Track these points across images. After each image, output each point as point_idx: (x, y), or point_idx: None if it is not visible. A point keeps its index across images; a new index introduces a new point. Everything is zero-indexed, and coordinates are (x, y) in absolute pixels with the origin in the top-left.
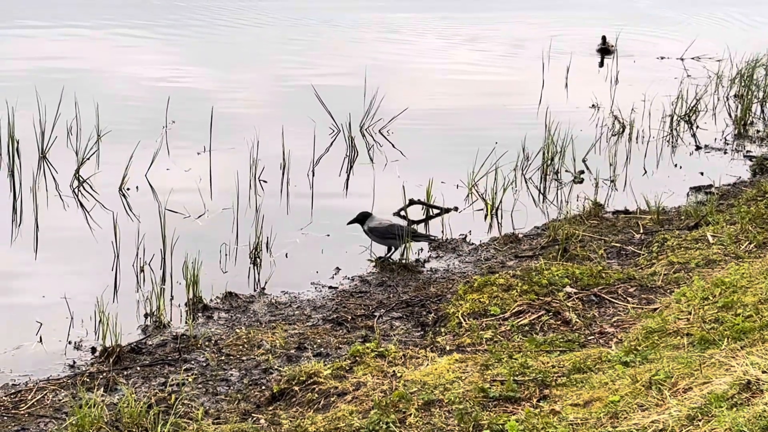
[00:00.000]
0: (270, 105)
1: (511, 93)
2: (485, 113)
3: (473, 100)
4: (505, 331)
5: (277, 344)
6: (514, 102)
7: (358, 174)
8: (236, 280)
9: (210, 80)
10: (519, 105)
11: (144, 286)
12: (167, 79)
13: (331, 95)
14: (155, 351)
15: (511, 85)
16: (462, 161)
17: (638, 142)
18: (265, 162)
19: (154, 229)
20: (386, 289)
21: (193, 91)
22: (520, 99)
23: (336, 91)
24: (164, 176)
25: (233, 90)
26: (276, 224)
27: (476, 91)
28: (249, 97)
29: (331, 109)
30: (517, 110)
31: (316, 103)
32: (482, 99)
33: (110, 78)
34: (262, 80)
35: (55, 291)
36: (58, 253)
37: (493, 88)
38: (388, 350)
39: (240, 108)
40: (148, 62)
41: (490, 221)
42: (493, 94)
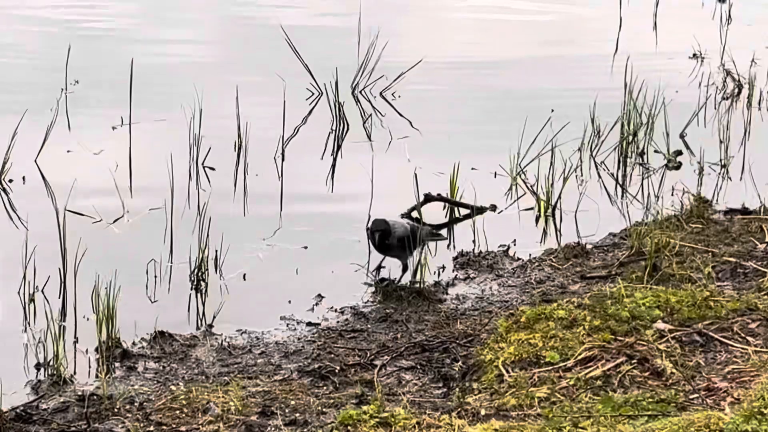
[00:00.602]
0: (219, 56)
1: (573, 38)
2: (535, 68)
3: (516, 48)
4: (567, 387)
5: (232, 408)
6: (577, 51)
7: (348, 157)
8: (171, 315)
9: (131, 19)
10: (584, 56)
11: (35, 324)
12: (67, 19)
13: (311, 42)
14: (52, 418)
15: (572, 26)
16: (502, 138)
17: (762, 108)
18: (212, 141)
19: (48, 239)
20: (391, 326)
21: (105, 35)
22: (587, 47)
23: (318, 35)
24: (63, 162)
25: (165, 34)
26: (229, 232)
27: (521, 35)
28: (188, 45)
29: (309, 61)
30: (581, 63)
31: (287, 52)
32: (530, 47)
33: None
34: (207, 19)
35: None
36: None
37: (546, 31)
38: (396, 416)
39: (175, 61)
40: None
41: (544, 226)
42: (546, 40)
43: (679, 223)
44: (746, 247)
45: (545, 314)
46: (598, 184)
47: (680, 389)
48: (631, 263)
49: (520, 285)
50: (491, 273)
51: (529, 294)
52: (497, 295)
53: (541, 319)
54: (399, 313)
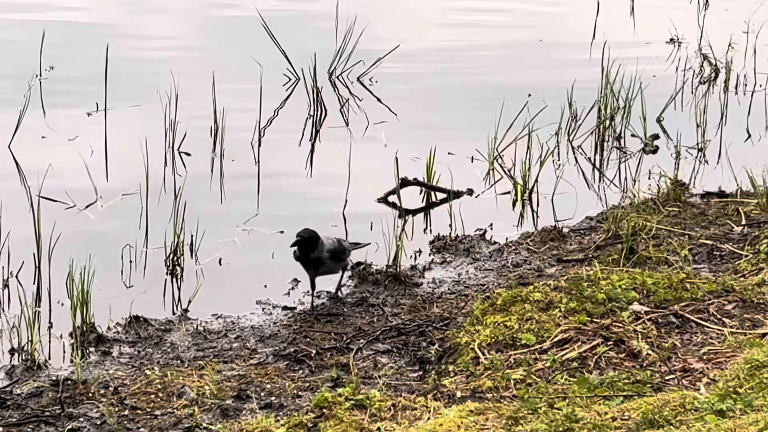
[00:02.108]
0: (195, 41)
1: (551, 22)
2: (512, 52)
3: (493, 33)
4: (542, 368)
5: (207, 392)
6: (554, 35)
7: (326, 142)
8: (145, 299)
9: (106, 5)
10: (562, 39)
11: (8, 309)
12: (42, 5)
13: (287, 27)
14: (26, 403)
15: (549, 10)
16: (479, 122)
17: (738, 92)
18: (188, 125)
19: (22, 225)
20: (368, 309)
21: (80, 22)
22: (564, 31)
23: (294, 21)
24: (37, 148)
25: (140, 19)
26: (204, 217)
27: (498, 19)
28: (164, 30)
29: (286, 47)
30: (559, 47)
31: (264, 37)
32: (507, 31)
33: None
34: (184, 5)
35: None
36: None
37: (523, 16)
38: (371, 398)
39: (150, 46)
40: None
41: (521, 210)
42: (524, 24)
43: (655, 207)
44: (723, 229)
45: (521, 297)
46: (575, 168)
47: (656, 370)
48: (608, 246)
49: (497, 268)
50: (468, 257)
51: (506, 277)
52: (474, 278)
53: (517, 302)
54: (375, 297)
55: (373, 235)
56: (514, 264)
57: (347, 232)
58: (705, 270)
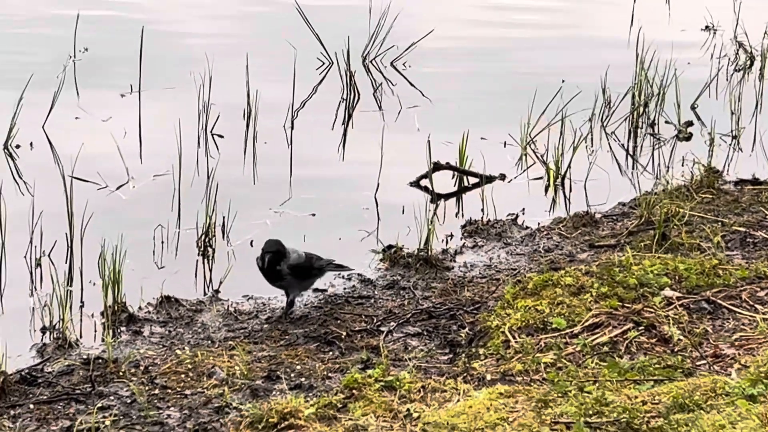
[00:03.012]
0: (230, 23)
1: (585, 9)
2: (546, 39)
3: (527, 18)
4: (573, 352)
5: (237, 372)
6: (588, 22)
7: (359, 126)
8: (177, 280)
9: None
10: (597, 26)
11: (41, 288)
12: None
13: (321, 11)
14: (57, 381)
15: (586, 2)
16: (512, 108)
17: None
18: (221, 108)
19: (55, 205)
20: (398, 293)
21: (115, 1)
22: (599, 17)
23: (329, 4)
24: (71, 128)
25: (176, 2)
26: (237, 199)
27: (532, 5)
28: (199, 13)
29: (320, 31)
30: (593, 34)
31: (298, 21)
32: (541, 16)
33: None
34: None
35: None
36: None
37: (560, 2)
38: (401, 380)
39: (185, 29)
40: None
41: (554, 195)
42: (560, 8)
43: (689, 193)
44: (756, 216)
45: (552, 281)
46: (608, 154)
47: (687, 355)
48: (640, 232)
49: (528, 253)
50: (499, 241)
51: (537, 262)
52: (505, 263)
53: (549, 286)
54: (406, 280)
55: (405, 219)
56: (546, 249)
57: (379, 216)
58: (738, 257)
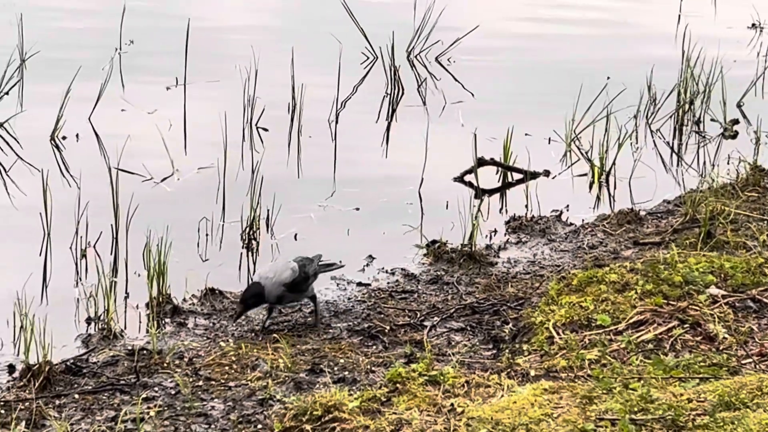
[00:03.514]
0: (275, 18)
1: (631, 5)
2: (592, 35)
3: (573, 15)
4: (618, 349)
5: (281, 365)
6: (635, 19)
7: (403, 120)
8: (221, 272)
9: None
10: (643, 23)
11: (86, 279)
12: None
13: (367, 6)
14: (101, 372)
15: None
16: (557, 104)
17: None
18: (267, 101)
19: (100, 196)
20: (442, 288)
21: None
22: (645, 15)
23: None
24: (116, 120)
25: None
26: (281, 192)
27: (578, 2)
28: (244, 6)
29: (365, 25)
30: (639, 31)
31: (343, 16)
32: (587, 14)
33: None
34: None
35: None
36: None
37: (606, 1)
38: (445, 375)
39: (230, 23)
40: None
41: (598, 192)
42: (605, 7)
43: (734, 191)
44: None
45: (597, 278)
46: (653, 151)
47: (732, 354)
48: (685, 230)
49: (572, 250)
50: (543, 237)
51: (581, 259)
52: (549, 259)
53: (593, 283)
54: (450, 275)
55: (449, 214)
56: (590, 246)
57: (423, 211)
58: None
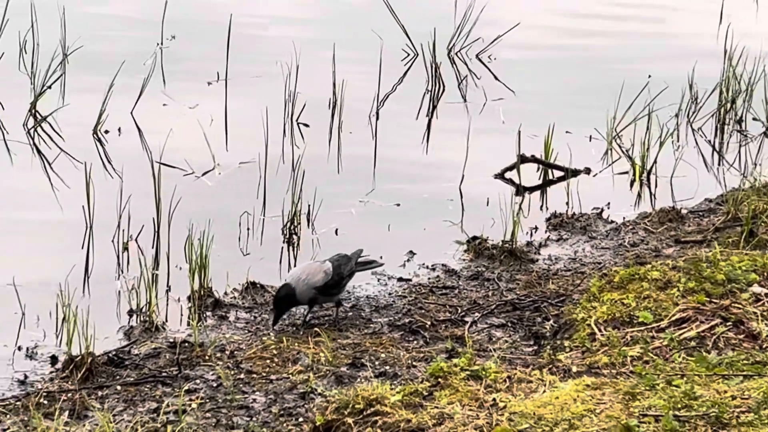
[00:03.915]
0: (316, 14)
1: (673, 3)
2: (633, 33)
3: (614, 12)
4: (660, 347)
5: (322, 358)
6: (677, 17)
7: (443, 117)
8: (263, 266)
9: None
10: (684, 22)
11: (128, 272)
12: None
13: (408, 2)
14: (143, 364)
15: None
16: (597, 103)
17: None
18: (307, 97)
19: (142, 189)
20: (483, 284)
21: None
22: (687, 13)
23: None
24: (158, 115)
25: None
26: (322, 187)
27: (619, 0)
28: (285, 2)
29: (406, 22)
30: (681, 30)
31: (384, 12)
32: (628, 10)
33: None
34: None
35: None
36: (3, 223)
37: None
38: (486, 369)
39: (271, 19)
40: None
41: (639, 190)
42: (645, 4)
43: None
44: None
45: (639, 275)
46: (695, 150)
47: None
48: (727, 228)
49: (614, 247)
50: (584, 235)
51: (623, 256)
52: (590, 256)
53: (635, 280)
54: (490, 271)
55: (489, 211)
56: (631, 243)
57: (463, 207)
58: None
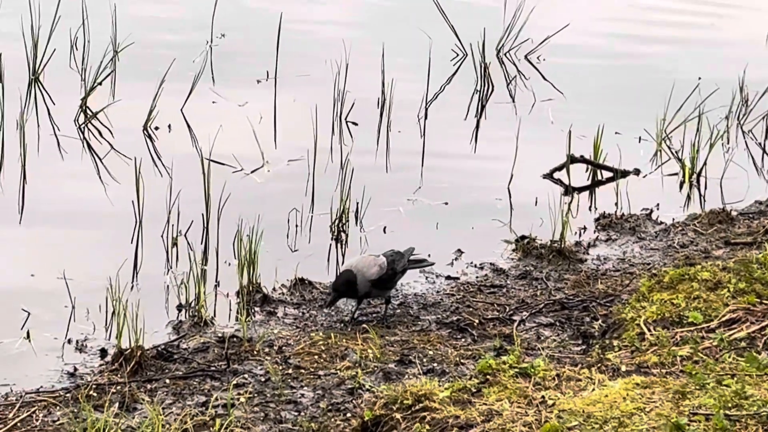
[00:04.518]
0: (366, 14)
1: (724, 5)
2: (683, 34)
3: (664, 15)
4: (710, 347)
5: (370, 355)
6: (727, 17)
7: (492, 117)
8: (311, 263)
9: None
10: (735, 23)
11: (177, 267)
12: None
13: (457, 3)
14: (192, 358)
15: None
16: (647, 104)
17: None
18: (356, 96)
19: (191, 185)
20: (531, 283)
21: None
22: (737, 13)
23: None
24: (208, 112)
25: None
26: (370, 185)
27: (668, 4)
28: (335, 1)
29: (455, 22)
30: (731, 31)
31: (434, 12)
32: (678, 14)
33: None
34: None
35: (50, 269)
36: (54, 218)
37: (698, 5)
38: (535, 367)
39: (321, 17)
40: None
41: (689, 191)
42: (697, 11)
43: None
44: None
45: (689, 275)
46: (745, 152)
47: None
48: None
49: (663, 248)
50: (633, 235)
51: (672, 257)
52: (639, 257)
53: (685, 280)
54: (539, 270)
55: (538, 210)
56: (681, 245)
57: (512, 207)
58: None
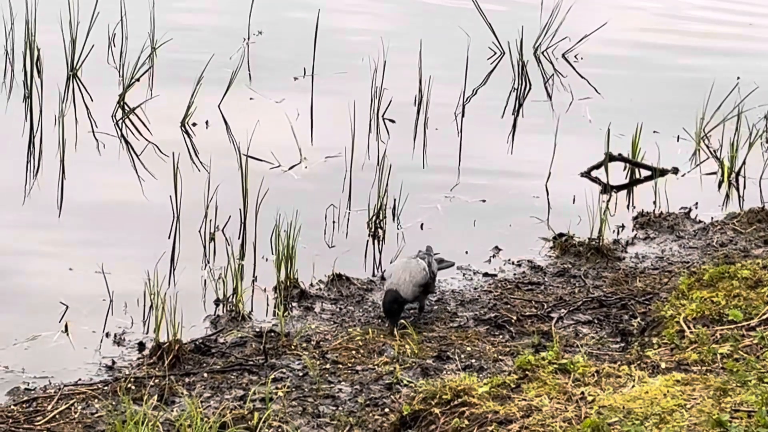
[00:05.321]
0: (403, 12)
1: (762, 10)
2: (722, 33)
3: (704, 12)
4: (750, 345)
5: (408, 350)
6: (764, 16)
7: (529, 116)
8: (348, 259)
9: None
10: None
11: (215, 261)
12: None
13: (495, 1)
14: (230, 352)
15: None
16: (686, 103)
17: None
18: (393, 93)
19: (229, 181)
20: (569, 280)
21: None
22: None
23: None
24: (245, 109)
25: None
26: (408, 182)
27: (708, 4)
28: (372, 0)
29: (492, 20)
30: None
31: (471, 11)
32: (717, 12)
33: None
34: None
35: (88, 263)
36: (93, 212)
37: (735, 4)
38: (575, 363)
39: (358, 14)
40: None
41: (727, 190)
42: (735, 10)
43: None
44: None
45: (729, 273)
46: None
47: None
48: None
49: (701, 247)
50: (671, 234)
51: (711, 256)
52: (677, 255)
53: (725, 278)
54: (577, 268)
55: (575, 208)
56: (720, 243)
57: (549, 205)
58: None
